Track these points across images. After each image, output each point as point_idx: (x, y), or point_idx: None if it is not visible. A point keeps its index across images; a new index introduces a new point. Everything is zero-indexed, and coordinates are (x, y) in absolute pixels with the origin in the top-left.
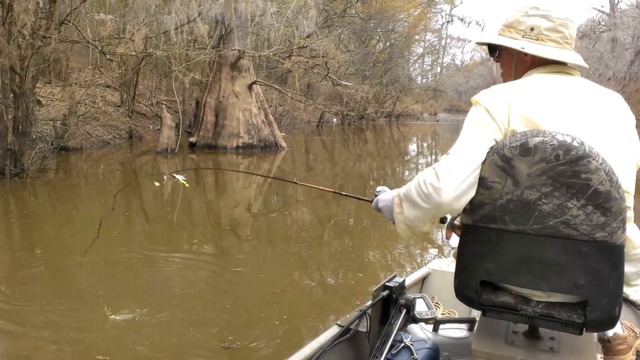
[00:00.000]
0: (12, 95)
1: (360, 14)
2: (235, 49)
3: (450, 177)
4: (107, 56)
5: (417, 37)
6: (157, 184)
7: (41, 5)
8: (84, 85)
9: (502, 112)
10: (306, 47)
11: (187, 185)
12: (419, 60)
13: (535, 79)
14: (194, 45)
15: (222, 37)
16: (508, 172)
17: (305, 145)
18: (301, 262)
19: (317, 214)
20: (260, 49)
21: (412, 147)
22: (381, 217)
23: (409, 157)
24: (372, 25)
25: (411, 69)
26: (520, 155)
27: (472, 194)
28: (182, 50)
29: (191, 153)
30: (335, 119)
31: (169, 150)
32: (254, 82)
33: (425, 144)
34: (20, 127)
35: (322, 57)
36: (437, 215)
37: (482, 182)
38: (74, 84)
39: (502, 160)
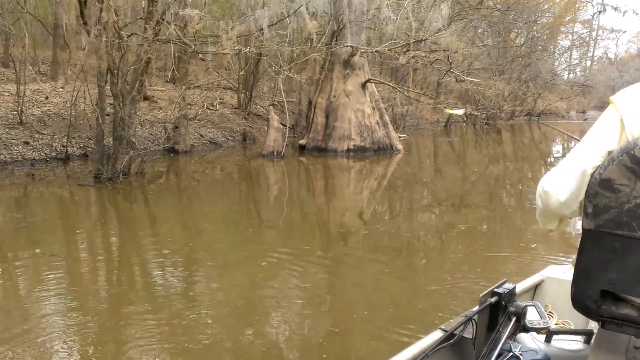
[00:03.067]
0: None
1: (498, 5)
2: (347, 46)
3: (558, 183)
4: (200, 55)
5: (563, 28)
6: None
7: (144, 6)
8: (206, 88)
9: (636, 121)
10: (425, 40)
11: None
12: (565, 54)
13: None
14: (310, 45)
15: (335, 34)
16: (638, 175)
17: (430, 147)
18: (389, 287)
19: (432, 224)
20: (380, 44)
21: (557, 149)
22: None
23: (552, 159)
24: (511, 17)
25: (556, 63)
26: None
27: (582, 199)
28: (279, 47)
29: (300, 156)
30: (462, 116)
31: (275, 154)
32: (368, 80)
33: (572, 144)
34: (115, 130)
35: (444, 51)
36: (554, 216)
37: (608, 184)
38: (185, 86)
39: (632, 162)
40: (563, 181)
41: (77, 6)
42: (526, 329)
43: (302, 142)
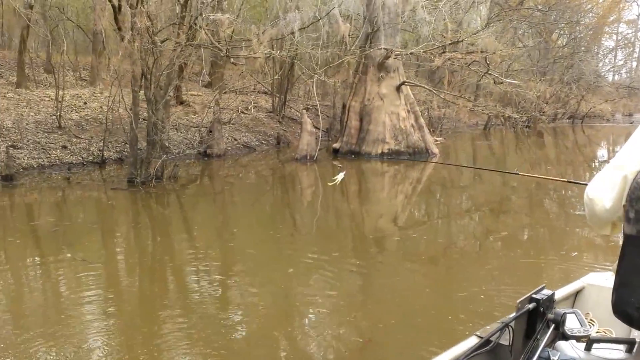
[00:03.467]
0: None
1: (539, 6)
2: (381, 48)
3: (601, 189)
4: (232, 60)
5: (607, 29)
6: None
7: (177, 12)
8: (241, 92)
9: None
10: (461, 41)
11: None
12: (609, 55)
13: None
14: (345, 48)
15: (369, 36)
16: None
17: (468, 150)
18: (422, 295)
19: (469, 230)
20: (417, 46)
21: (601, 153)
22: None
23: (596, 163)
24: (552, 17)
25: (600, 65)
26: None
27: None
28: (309, 51)
29: (334, 160)
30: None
31: (308, 157)
32: (403, 83)
33: (618, 148)
34: (148, 135)
35: (481, 52)
36: (603, 222)
37: None
38: (218, 91)
39: None
40: (605, 187)
41: (111, 12)
42: (565, 337)
43: (336, 145)
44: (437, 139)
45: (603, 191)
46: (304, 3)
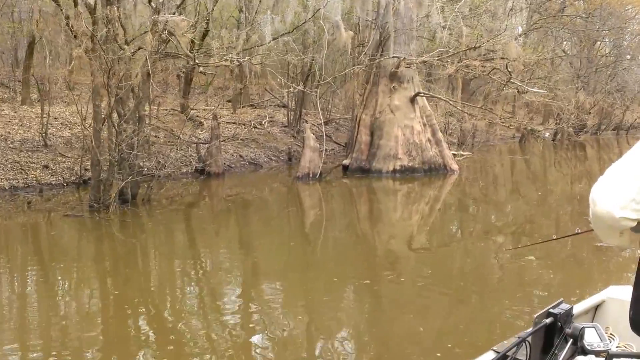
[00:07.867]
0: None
1: (582, 13)
2: (392, 57)
3: (605, 188)
4: (201, 68)
5: None
6: None
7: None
8: (259, 106)
9: None
10: (478, 47)
11: None
12: None
13: None
14: (355, 56)
15: (381, 44)
16: None
17: (497, 166)
18: (434, 322)
19: (487, 255)
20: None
21: None
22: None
23: None
24: (596, 25)
25: None
26: None
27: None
28: (285, 57)
29: (342, 177)
30: (547, 134)
31: (310, 176)
32: (417, 94)
33: None
34: (110, 154)
35: (501, 58)
36: (610, 227)
37: None
38: (216, 105)
39: None
40: (613, 190)
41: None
42: (584, 352)
43: (346, 162)
44: (463, 153)
45: (605, 194)
46: (286, 5)
